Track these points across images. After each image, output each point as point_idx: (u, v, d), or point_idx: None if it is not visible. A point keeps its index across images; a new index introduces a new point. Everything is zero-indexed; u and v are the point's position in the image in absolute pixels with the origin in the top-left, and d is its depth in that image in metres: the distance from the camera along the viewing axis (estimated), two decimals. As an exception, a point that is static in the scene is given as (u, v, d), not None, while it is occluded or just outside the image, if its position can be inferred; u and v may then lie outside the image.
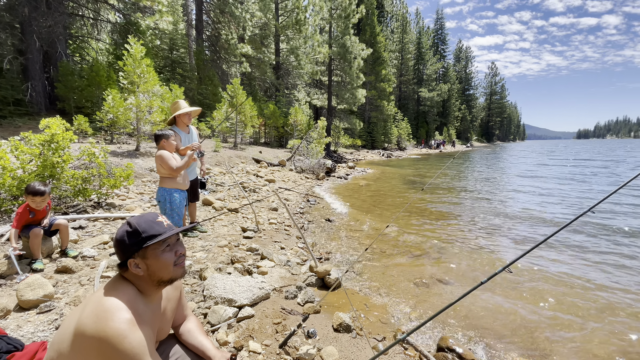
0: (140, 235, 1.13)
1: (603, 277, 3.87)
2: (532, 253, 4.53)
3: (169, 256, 1.19)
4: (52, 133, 4.25)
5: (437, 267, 4.12)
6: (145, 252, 1.14)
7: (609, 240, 5.20)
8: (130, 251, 1.13)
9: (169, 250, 1.19)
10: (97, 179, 5.04)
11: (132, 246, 1.13)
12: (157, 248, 1.16)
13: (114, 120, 8.86)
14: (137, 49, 8.70)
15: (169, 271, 1.19)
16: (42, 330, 2.16)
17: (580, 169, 16.94)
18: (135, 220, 1.16)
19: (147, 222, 1.16)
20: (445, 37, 66.37)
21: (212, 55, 20.53)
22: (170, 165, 3.51)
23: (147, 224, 1.16)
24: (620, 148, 47.96)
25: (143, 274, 1.15)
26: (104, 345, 0.99)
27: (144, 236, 1.14)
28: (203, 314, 2.55)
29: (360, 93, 23.84)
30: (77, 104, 11.17)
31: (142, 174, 7.46)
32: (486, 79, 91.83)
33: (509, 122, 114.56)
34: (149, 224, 1.16)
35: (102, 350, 1.00)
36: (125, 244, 1.13)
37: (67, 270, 3.00)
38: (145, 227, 1.15)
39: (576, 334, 2.75)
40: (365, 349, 2.33)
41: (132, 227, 1.14)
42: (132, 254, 1.14)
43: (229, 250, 3.98)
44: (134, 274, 1.16)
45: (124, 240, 1.14)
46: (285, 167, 13.16)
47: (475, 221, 6.50)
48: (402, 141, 40.64)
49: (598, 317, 3.01)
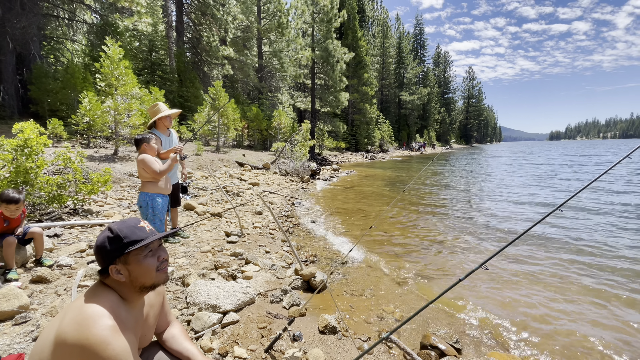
0: (122, 241, 1.12)
1: (576, 271, 4.08)
2: (511, 251, 4.72)
3: (151, 261, 1.18)
4: (26, 137, 4.08)
5: (419, 267, 4.22)
6: (127, 257, 1.13)
7: (576, 237, 5.48)
8: (112, 257, 1.12)
9: (151, 255, 1.19)
10: (73, 185, 4.87)
11: (113, 252, 1.12)
12: (140, 253, 1.15)
13: (91, 123, 8.58)
14: (115, 51, 8.47)
15: (151, 277, 1.18)
16: (18, 342, 2.07)
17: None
18: (116, 226, 1.15)
19: (128, 228, 1.16)
20: (424, 42, 68.08)
21: (193, 58, 20.21)
22: (154, 169, 3.44)
23: (128, 229, 1.15)
24: (597, 147, 49.37)
25: (125, 280, 1.14)
26: (86, 353, 0.97)
27: (125, 241, 1.12)
28: (186, 321, 2.51)
29: (343, 96, 24.09)
30: (51, 106, 10.74)
31: (121, 179, 7.25)
32: (464, 83, 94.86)
33: (486, 125, 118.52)
34: (131, 229, 1.16)
35: (84, 358, 0.98)
36: (107, 249, 1.12)
37: (42, 280, 2.88)
38: (127, 233, 1.14)
39: (553, 327, 2.88)
40: (351, 349, 2.37)
41: (114, 233, 1.13)
42: (113, 259, 1.12)
43: (212, 255, 3.94)
44: (115, 280, 1.14)
45: (105, 246, 1.12)
46: (269, 170, 13.10)
47: (454, 221, 6.69)
48: (385, 143, 41.31)
49: (574, 309, 3.17)
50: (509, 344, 2.66)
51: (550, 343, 2.67)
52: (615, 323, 2.96)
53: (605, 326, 2.92)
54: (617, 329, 2.87)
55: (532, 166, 20.35)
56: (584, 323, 2.96)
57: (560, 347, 2.62)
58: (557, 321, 2.99)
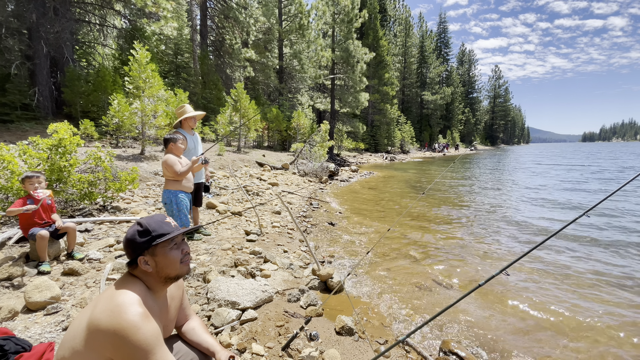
0: (150, 234, 1.23)
1: (602, 273, 3.85)
2: (535, 258, 4.52)
3: (176, 254, 1.28)
4: (60, 137, 4.33)
5: (439, 271, 4.12)
6: (155, 249, 1.23)
7: (606, 241, 5.16)
8: (142, 248, 1.22)
9: (176, 248, 1.29)
10: (102, 183, 5.11)
11: (142, 244, 1.22)
12: (166, 246, 1.26)
13: (120, 124, 8.98)
14: (142, 54, 8.83)
15: (175, 268, 1.28)
16: (49, 332, 2.20)
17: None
18: (145, 221, 1.25)
19: (156, 222, 1.26)
20: (448, 41, 66.45)
21: (216, 60, 20.73)
22: (175, 170, 3.61)
23: (156, 224, 1.25)
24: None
25: (152, 270, 1.23)
26: (118, 337, 1.04)
27: (153, 235, 1.23)
28: (207, 316, 2.57)
29: (363, 97, 23.91)
30: (83, 108, 11.34)
31: (147, 178, 7.54)
32: (490, 82, 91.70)
33: (513, 125, 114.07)
34: (158, 224, 1.26)
35: (116, 343, 1.04)
36: (137, 242, 1.22)
37: (73, 272, 3.04)
38: (155, 227, 1.24)
39: (577, 335, 2.73)
40: (367, 352, 2.34)
41: (143, 227, 1.23)
42: (142, 251, 1.22)
43: (232, 253, 4.02)
44: (143, 270, 1.23)
45: (135, 239, 1.22)
46: (288, 170, 13.21)
47: (476, 225, 6.48)
48: (406, 144, 40.62)
49: (600, 317, 2.99)
50: (533, 352, 2.54)
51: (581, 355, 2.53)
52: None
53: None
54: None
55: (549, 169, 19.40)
56: (624, 326, 2.79)
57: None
58: (584, 333, 2.83)
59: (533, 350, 2.57)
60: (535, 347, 2.62)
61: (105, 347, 1.05)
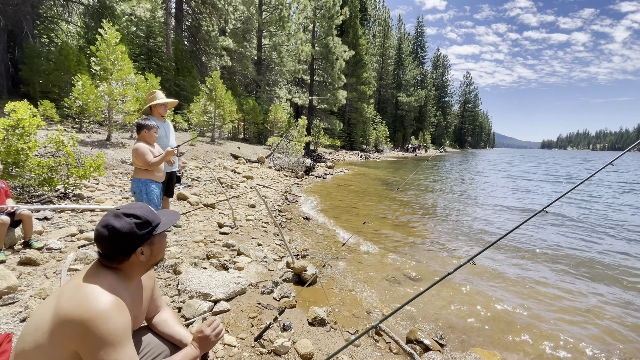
0: (151, 224, 1.22)
1: (554, 273, 4.19)
2: (493, 254, 4.82)
3: (165, 240, 1.32)
4: (18, 118, 4.02)
5: (409, 264, 4.29)
6: (154, 239, 1.24)
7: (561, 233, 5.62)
8: (141, 240, 1.19)
9: (165, 234, 1.32)
10: (64, 169, 4.81)
11: (144, 236, 1.20)
12: (162, 233, 1.27)
13: (84, 107, 8.44)
14: (111, 34, 8.34)
15: (164, 252, 1.32)
16: (5, 323, 2.06)
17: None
18: (139, 212, 1.21)
19: (149, 212, 1.24)
20: (424, 45, 68.34)
21: (191, 46, 19.94)
22: (146, 160, 3.43)
23: (151, 214, 1.24)
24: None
25: (145, 260, 1.22)
26: (85, 327, 0.98)
27: (154, 225, 1.23)
28: (177, 308, 2.53)
29: (341, 94, 24.06)
30: (43, 88, 10.53)
31: (114, 165, 7.17)
32: (461, 88, 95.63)
33: (480, 130, 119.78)
34: (152, 213, 1.25)
35: (83, 333, 0.99)
36: (137, 234, 1.18)
37: (31, 262, 2.86)
38: (152, 217, 1.23)
39: (532, 322, 2.98)
40: (339, 341, 2.41)
41: (142, 219, 1.20)
42: (142, 243, 1.19)
43: (204, 245, 3.94)
44: (130, 262, 1.19)
45: (134, 232, 1.17)
46: (264, 164, 13.07)
47: (445, 221, 6.79)
48: (380, 144, 41.46)
49: (553, 307, 3.27)
50: (492, 340, 2.74)
51: (534, 342, 2.76)
52: (600, 322, 3.07)
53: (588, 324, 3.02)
54: (602, 329, 2.97)
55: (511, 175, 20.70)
56: (571, 312, 3.06)
57: (543, 347, 2.71)
58: (540, 321, 3.08)
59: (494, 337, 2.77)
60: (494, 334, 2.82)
61: (71, 339, 0.99)
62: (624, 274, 4.35)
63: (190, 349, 1.31)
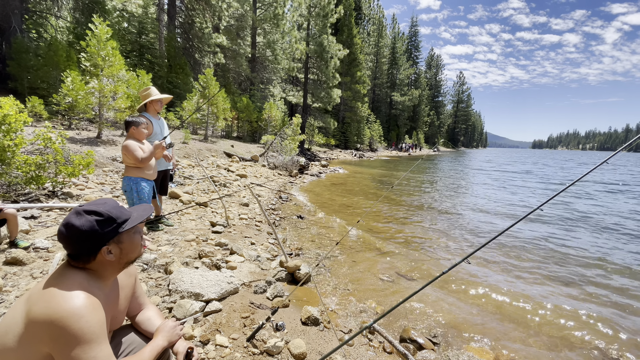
0: (116, 221, 1.13)
1: (559, 271, 4.24)
2: (488, 254, 4.85)
3: (138, 237, 1.22)
4: (4, 114, 3.90)
5: (403, 263, 4.30)
6: (121, 237, 1.15)
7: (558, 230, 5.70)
8: (105, 239, 1.12)
9: (136, 231, 1.22)
10: (52, 166, 4.69)
11: (107, 234, 1.12)
12: (131, 231, 1.18)
13: (73, 104, 8.28)
14: (102, 30, 8.18)
15: (137, 251, 1.23)
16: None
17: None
18: (101, 209, 1.12)
19: (114, 208, 1.15)
20: (418, 44, 68.59)
21: (184, 43, 19.71)
22: (136, 156, 3.38)
23: (116, 210, 1.15)
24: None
25: (114, 259, 1.14)
26: (56, 327, 0.94)
27: (119, 222, 1.14)
28: (168, 308, 2.48)
29: (335, 93, 24.05)
30: (31, 84, 10.30)
31: (104, 163, 7.04)
32: (454, 87, 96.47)
33: (472, 130, 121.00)
34: (118, 209, 1.16)
35: (54, 334, 0.95)
36: (99, 233, 1.10)
37: (17, 262, 2.78)
38: (117, 213, 1.15)
39: (526, 320, 3.00)
40: (332, 341, 2.40)
41: (104, 216, 1.11)
42: (106, 241, 1.12)
43: (196, 244, 3.89)
44: (99, 261, 1.12)
45: (95, 230, 1.09)
46: (257, 162, 12.99)
47: (439, 220, 6.82)
48: (374, 143, 41.57)
49: (547, 305, 3.30)
50: (485, 339, 2.75)
51: (529, 339, 2.77)
52: (589, 311, 3.11)
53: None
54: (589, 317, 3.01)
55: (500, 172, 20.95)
56: (567, 315, 3.09)
57: (538, 341, 2.73)
58: (532, 320, 3.11)
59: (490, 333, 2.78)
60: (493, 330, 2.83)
61: (42, 341, 0.95)
62: (621, 273, 4.41)
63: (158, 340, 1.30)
